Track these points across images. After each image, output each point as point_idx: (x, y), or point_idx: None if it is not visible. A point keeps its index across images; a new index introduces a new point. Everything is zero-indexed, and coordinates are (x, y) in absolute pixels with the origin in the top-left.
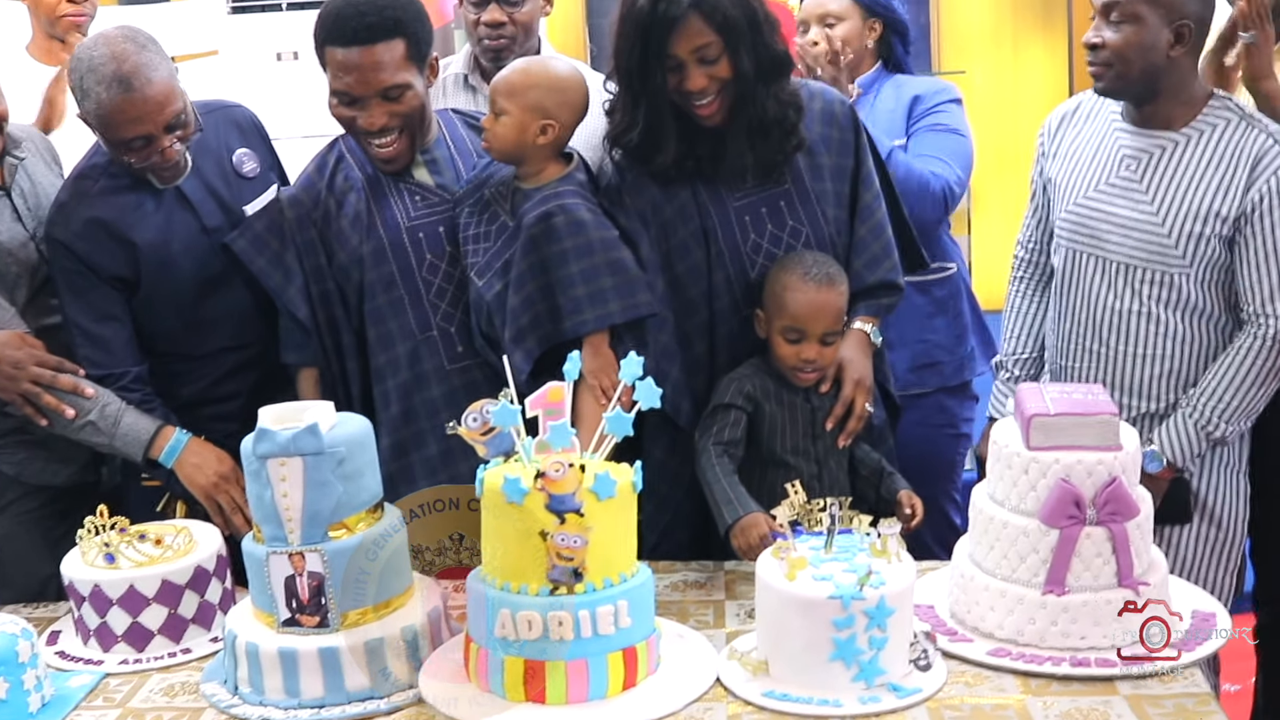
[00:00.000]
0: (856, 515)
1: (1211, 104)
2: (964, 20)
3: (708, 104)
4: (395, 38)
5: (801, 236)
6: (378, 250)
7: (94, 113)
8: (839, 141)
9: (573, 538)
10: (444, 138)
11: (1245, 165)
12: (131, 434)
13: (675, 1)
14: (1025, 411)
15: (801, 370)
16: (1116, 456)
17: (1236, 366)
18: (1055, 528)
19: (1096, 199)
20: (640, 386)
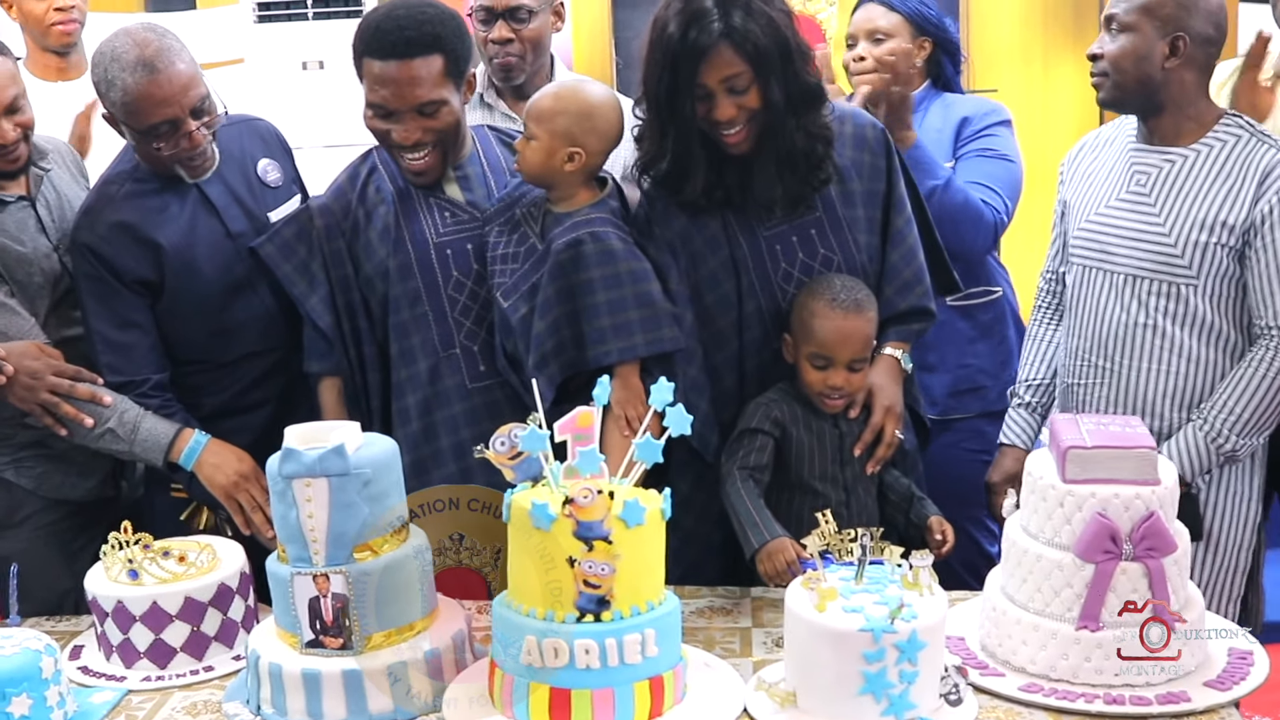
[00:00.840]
0: (888, 546)
1: (1223, 122)
2: (994, 38)
3: (735, 133)
4: (434, 53)
5: (833, 265)
6: (404, 265)
7: (120, 101)
8: (870, 166)
9: (600, 565)
10: (478, 154)
11: (1254, 177)
12: (151, 439)
13: (706, 30)
14: (1061, 443)
15: (828, 397)
16: (1154, 491)
17: (1249, 380)
18: (1090, 562)
19: (1106, 214)
20: (671, 413)
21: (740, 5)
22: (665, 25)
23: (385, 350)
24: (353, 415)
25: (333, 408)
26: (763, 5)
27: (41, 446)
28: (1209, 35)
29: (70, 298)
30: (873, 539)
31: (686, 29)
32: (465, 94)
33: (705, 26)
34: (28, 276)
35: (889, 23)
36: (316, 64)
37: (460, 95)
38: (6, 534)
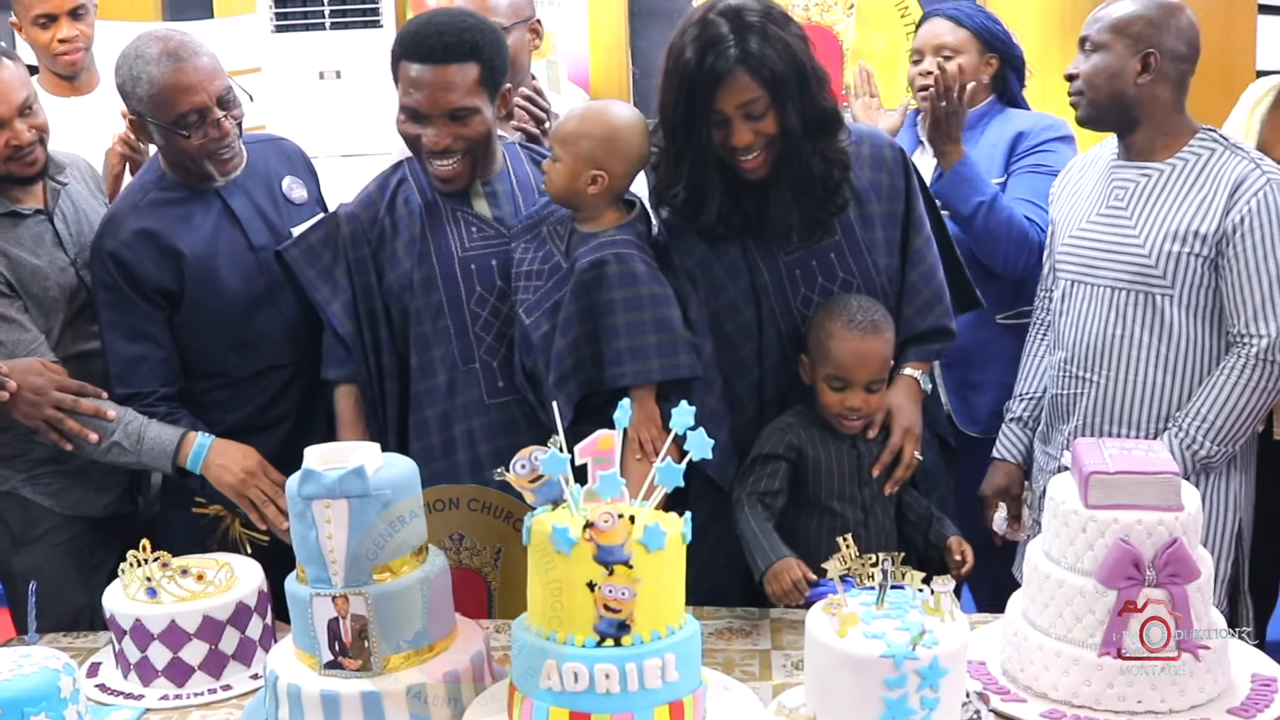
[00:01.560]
0: (909, 571)
1: (1198, 137)
2: None
3: (752, 159)
4: (470, 61)
5: (853, 288)
6: (428, 277)
7: (147, 94)
8: (889, 187)
9: (621, 589)
10: (508, 171)
11: (1226, 187)
12: (157, 446)
13: (723, 56)
14: (1084, 468)
15: (847, 418)
16: (1178, 517)
17: (1223, 387)
18: (1113, 588)
19: (1087, 229)
20: (691, 437)
21: (756, 31)
22: (681, 52)
23: (405, 360)
24: (369, 424)
25: (348, 415)
26: (778, 30)
27: (57, 462)
28: (1181, 52)
29: (87, 312)
30: (894, 564)
31: (703, 55)
32: (499, 108)
33: (722, 52)
34: (43, 290)
35: (956, 39)
36: (334, 74)
37: (493, 107)
38: (23, 550)
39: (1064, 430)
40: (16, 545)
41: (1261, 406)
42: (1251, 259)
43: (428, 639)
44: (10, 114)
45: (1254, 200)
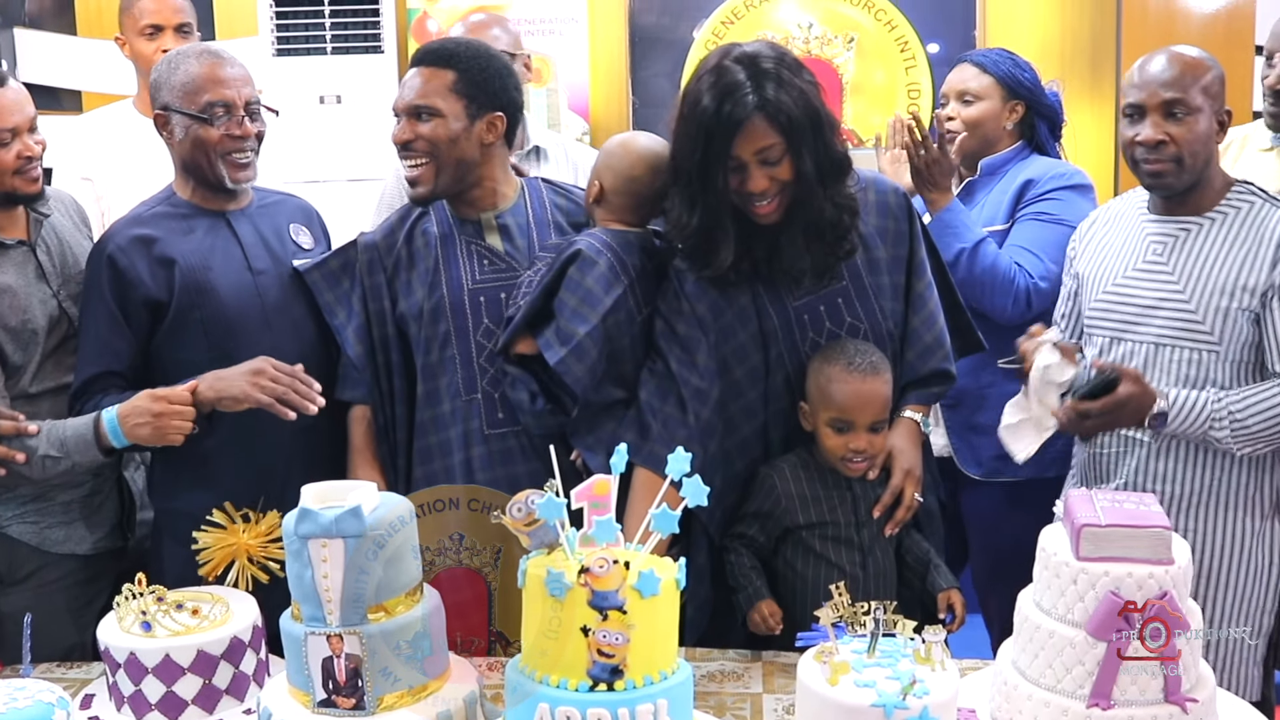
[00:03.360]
0: (901, 619)
1: (1234, 190)
2: None
3: (766, 204)
4: (445, 68)
5: (860, 333)
6: (438, 307)
7: (181, 82)
8: (894, 232)
9: (614, 634)
10: (524, 205)
11: (1271, 240)
12: (79, 441)
13: (741, 103)
14: (1076, 521)
15: (851, 460)
16: (1168, 570)
17: (1270, 398)
18: (1103, 640)
19: (1125, 284)
20: (688, 484)
21: (772, 77)
22: (698, 99)
23: (414, 384)
24: (380, 446)
25: (358, 439)
26: (793, 77)
27: (43, 500)
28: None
29: (70, 344)
30: (886, 612)
31: (721, 102)
32: (484, 131)
33: (739, 99)
34: (22, 324)
35: (980, 85)
36: (334, 98)
37: (468, 122)
38: (11, 590)
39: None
40: (4, 585)
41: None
42: None
43: (421, 679)
44: (25, 124)
45: None
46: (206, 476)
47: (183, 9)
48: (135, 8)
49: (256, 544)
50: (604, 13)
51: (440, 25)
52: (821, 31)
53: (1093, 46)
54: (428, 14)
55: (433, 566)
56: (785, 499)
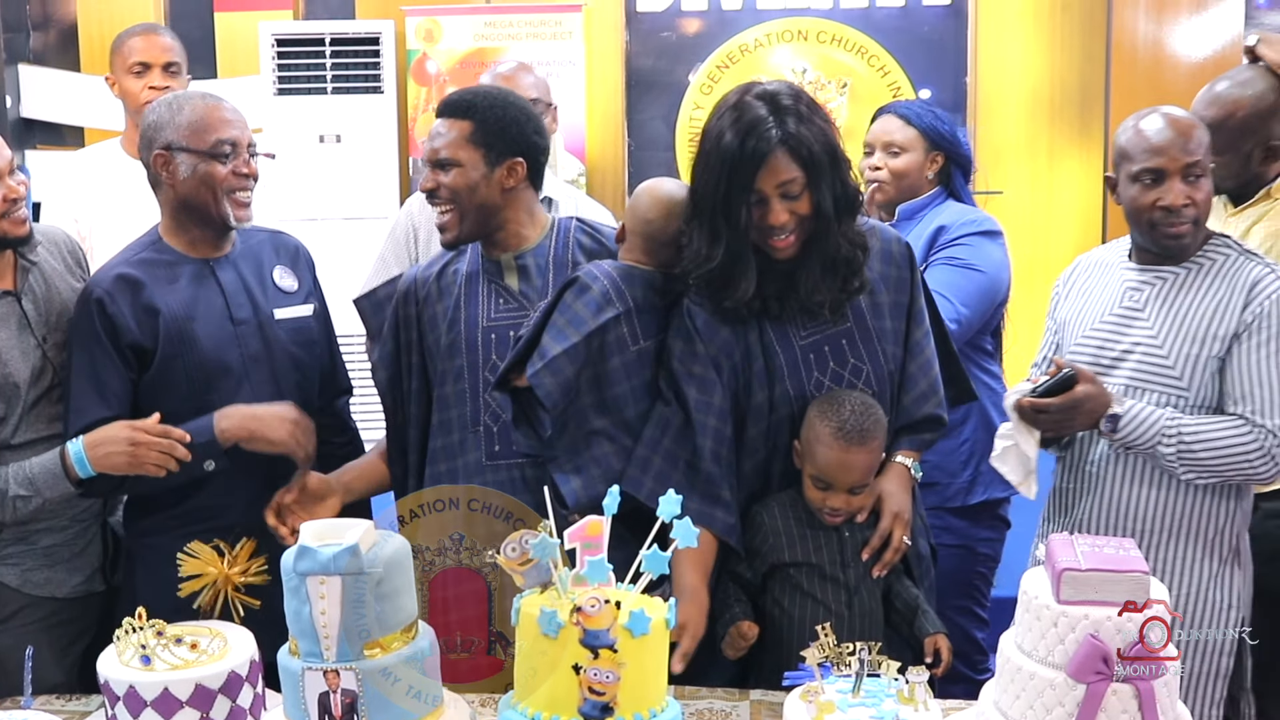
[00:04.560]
0: (885, 660)
1: (1212, 241)
2: (1001, 135)
3: (785, 239)
4: (464, 118)
5: (862, 375)
6: (455, 342)
7: (187, 122)
8: (896, 279)
9: (605, 673)
10: (548, 245)
11: (1242, 290)
12: (47, 476)
13: (764, 138)
14: (1056, 565)
15: (828, 514)
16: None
17: (1221, 430)
18: (1082, 683)
19: (1102, 328)
20: (678, 525)
21: (792, 113)
22: (721, 135)
23: (430, 410)
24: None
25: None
26: (811, 114)
27: (25, 543)
28: None
29: (53, 394)
30: (871, 652)
31: (745, 137)
32: (505, 177)
33: (763, 134)
34: (4, 377)
35: (905, 137)
36: (334, 137)
37: (488, 169)
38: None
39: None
40: None
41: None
42: (1259, 355)
43: (416, 714)
44: (5, 168)
45: (1268, 301)
46: (184, 511)
47: (171, 48)
48: (124, 46)
49: (237, 573)
50: (601, 57)
51: (439, 66)
52: (815, 76)
53: (1082, 94)
54: (427, 55)
55: (433, 566)
56: (773, 536)
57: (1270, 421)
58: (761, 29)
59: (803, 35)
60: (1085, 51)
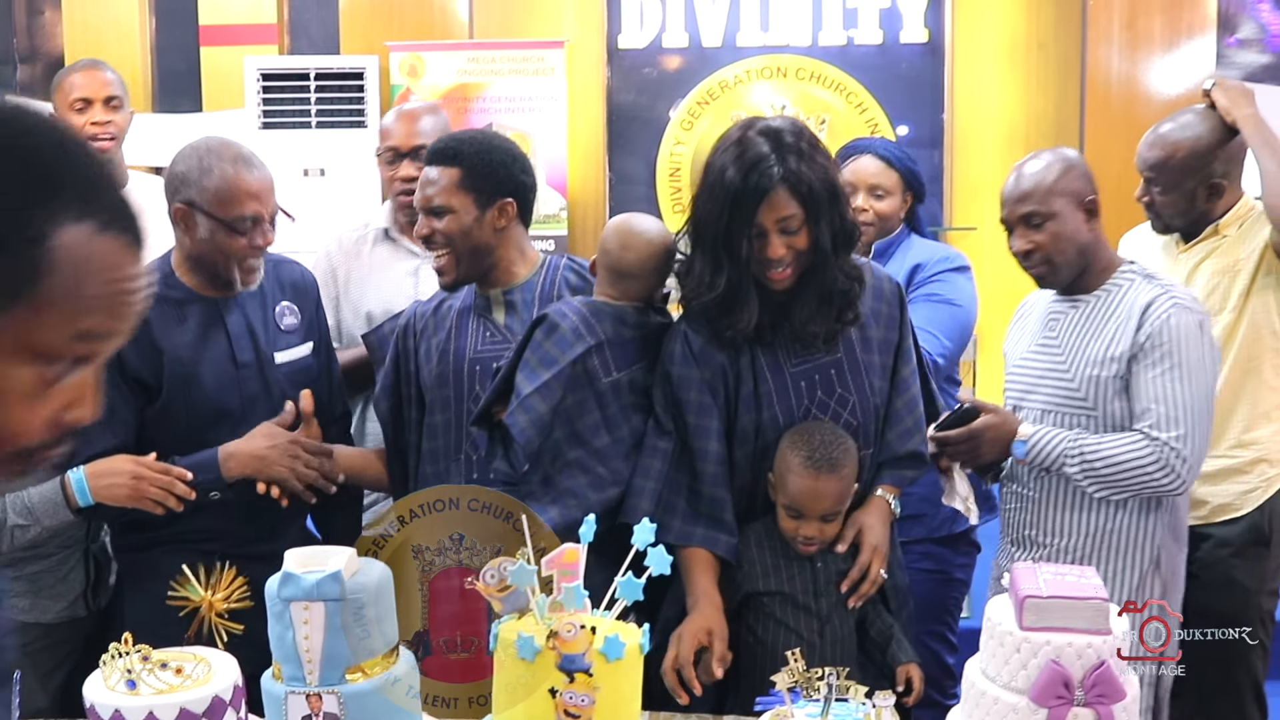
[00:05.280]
0: (853, 685)
1: (1121, 269)
2: (977, 170)
3: (782, 271)
4: (452, 165)
5: (849, 405)
6: (443, 374)
7: (215, 187)
8: (887, 316)
9: (580, 696)
10: (536, 283)
11: (1137, 312)
12: (47, 505)
13: (766, 175)
14: (1020, 592)
15: (801, 543)
16: (1106, 640)
17: (1120, 447)
18: (1044, 707)
19: (1027, 357)
20: (652, 553)
21: (794, 150)
22: (724, 170)
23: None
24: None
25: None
26: (812, 151)
27: (13, 569)
28: (1096, 188)
29: None
30: (839, 677)
31: (747, 174)
32: (496, 218)
33: (765, 171)
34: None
35: (889, 181)
36: (318, 171)
37: (480, 212)
38: None
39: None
40: None
41: (1131, 481)
42: (1154, 372)
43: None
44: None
45: (1158, 321)
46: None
47: (112, 82)
48: (65, 83)
49: (220, 599)
50: (583, 92)
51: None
52: (795, 113)
53: (1057, 130)
54: (411, 90)
55: (433, 566)
56: (748, 565)
57: (1165, 434)
58: (741, 65)
59: (782, 72)
60: (1060, 89)
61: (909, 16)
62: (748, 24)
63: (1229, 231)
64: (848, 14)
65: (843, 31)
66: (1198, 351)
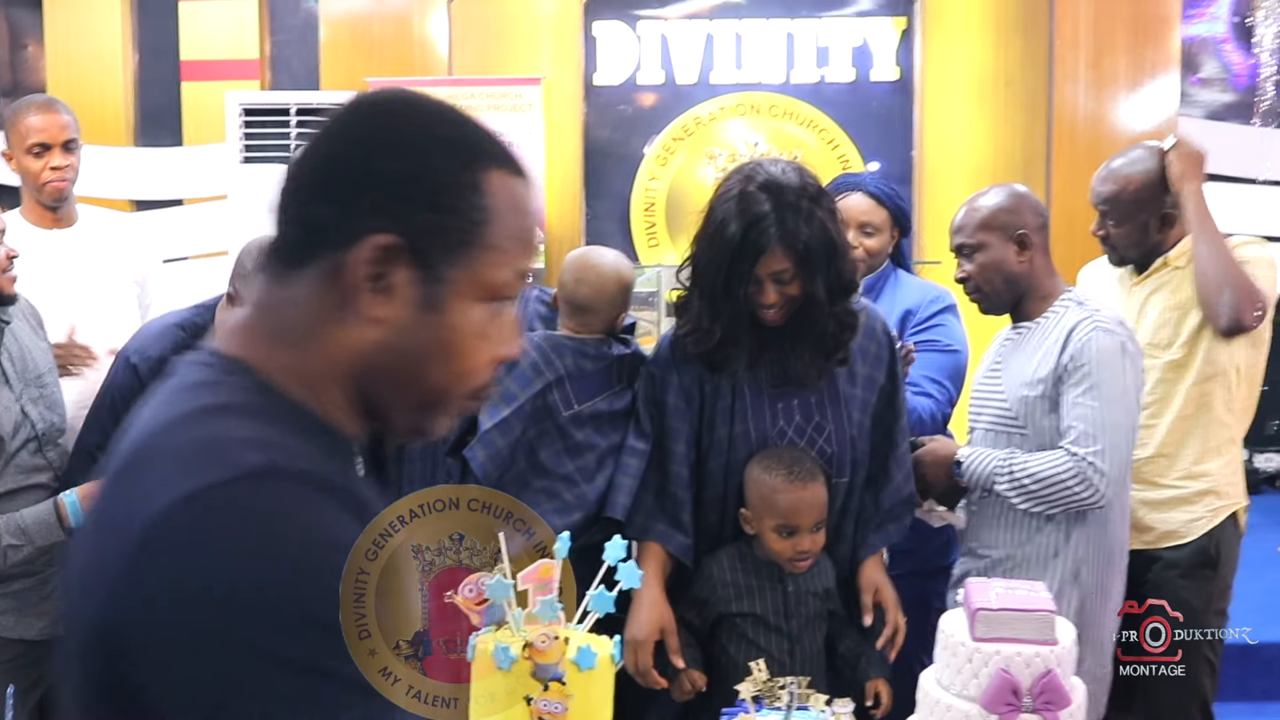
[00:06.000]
0: (814, 694)
1: (1062, 298)
2: (946, 204)
3: (774, 313)
4: None
5: (825, 433)
6: None
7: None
8: (875, 356)
9: (554, 704)
10: None
11: (1062, 337)
12: (40, 525)
13: (765, 234)
14: (972, 605)
15: (798, 560)
16: (1053, 650)
17: (1044, 464)
18: (994, 713)
19: (981, 382)
20: (623, 569)
21: (792, 208)
22: (726, 223)
23: None
24: None
25: None
26: (813, 207)
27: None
28: (1039, 224)
29: (30, 445)
30: (800, 687)
31: (746, 230)
32: None
33: (764, 230)
34: None
35: (880, 218)
36: None
37: None
38: None
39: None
40: None
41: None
42: (1075, 392)
43: None
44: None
45: (1079, 343)
46: None
47: (69, 125)
48: (22, 125)
49: None
50: (560, 128)
51: None
52: (767, 149)
53: (1025, 166)
54: None
55: (432, 566)
56: (720, 587)
57: (1084, 450)
58: (715, 103)
59: (755, 109)
60: (1027, 126)
61: (880, 55)
62: (721, 62)
63: (1179, 263)
64: (820, 52)
65: (815, 69)
66: (1117, 372)
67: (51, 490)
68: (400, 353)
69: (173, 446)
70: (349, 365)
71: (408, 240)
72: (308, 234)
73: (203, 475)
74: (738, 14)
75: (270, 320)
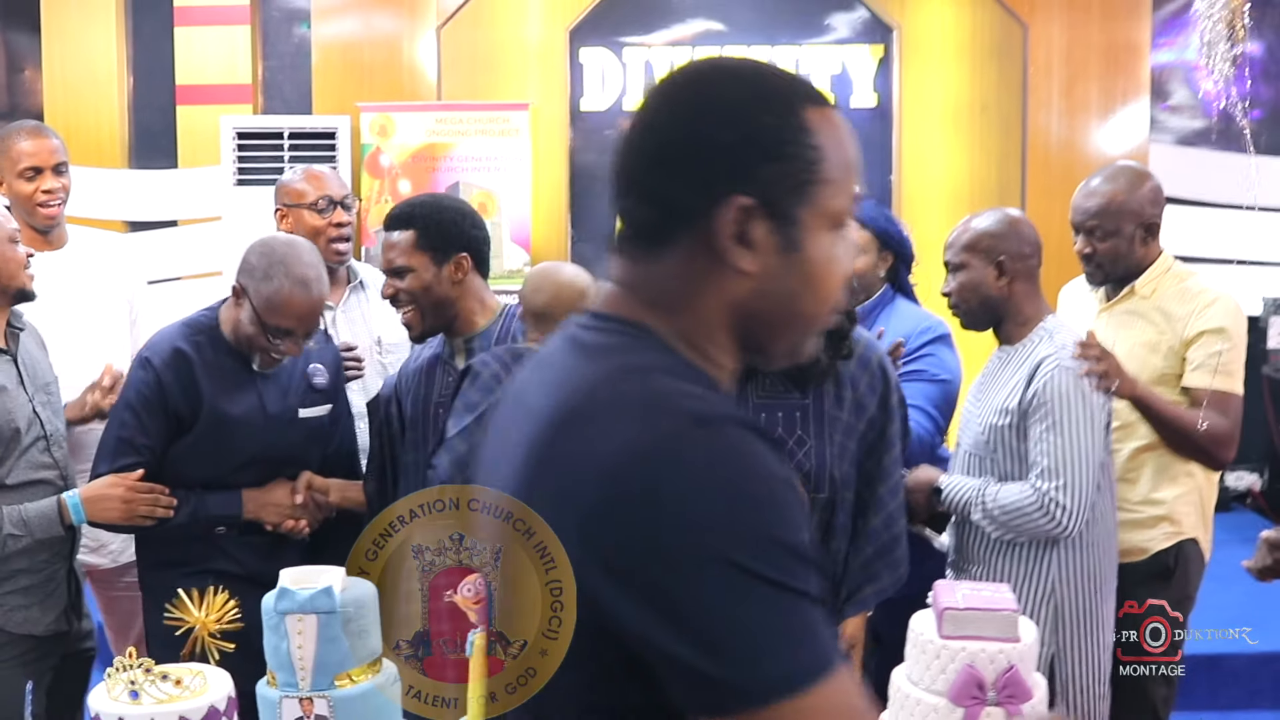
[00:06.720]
0: None
1: (1040, 327)
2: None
3: None
4: (408, 228)
5: (805, 447)
6: (414, 419)
7: (268, 294)
8: (867, 385)
9: None
10: (495, 329)
11: (1029, 370)
12: (41, 519)
13: None
14: (939, 604)
15: None
16: (1015, 647)
17: (1013, 496)
18: (961, 706)
19: (967, 405)
20: None
21: None
22: None
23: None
24: None
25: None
26: None
27: (9, 583)
28: (1026, 252)
29: (39, 443)
30: None
31: None
32: (453, 272)
33: None
34: (6, 422)
35: (861, 239)
36: None
37: (438, 269)
38: None
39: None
40: None
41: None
42: (1039, 429)
43: None
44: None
45: (1041, 381)
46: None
47: (58, 149)
48: (13, 150)
49: (213, 621)
50: (546, 152)
51: (392, 160)
52: None
53: (1000, 190)
54: (381, 149)
55: (433, 566)
56: None
57: (1047, 484)
58: None
59: None
60: (1002, 151)
61: (859, 81)
62: None
63: (1144, 292)
64: None
65: None
66: (1077, 409)
67: (56, 486)
68: (773, 296)
69: (613, 401)
70: (730, 316)
71: (760, 196)
72: (666, 214)
73: (658, 424)
74: (719, 41)
75: (647, 293)
